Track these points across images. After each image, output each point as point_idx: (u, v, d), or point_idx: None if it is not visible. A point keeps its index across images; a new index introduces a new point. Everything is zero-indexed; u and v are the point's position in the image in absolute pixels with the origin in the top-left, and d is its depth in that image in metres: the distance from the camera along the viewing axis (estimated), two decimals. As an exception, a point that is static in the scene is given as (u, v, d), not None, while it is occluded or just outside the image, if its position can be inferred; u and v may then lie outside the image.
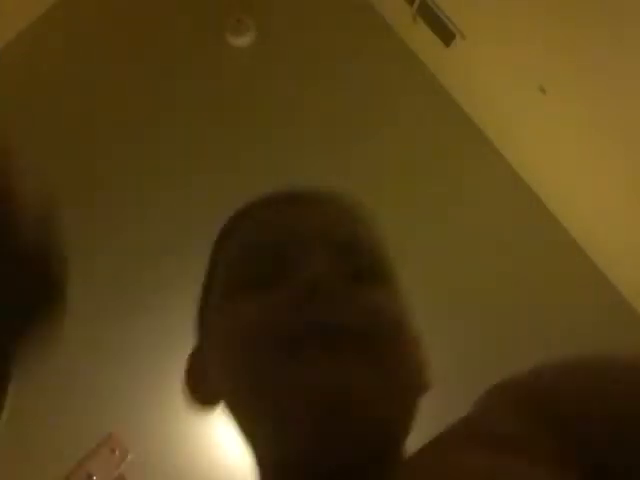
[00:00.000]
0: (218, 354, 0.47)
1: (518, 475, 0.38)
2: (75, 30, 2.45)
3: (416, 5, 2.20)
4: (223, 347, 0.47)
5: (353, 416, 0.40)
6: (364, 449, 0.41)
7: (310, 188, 0.55)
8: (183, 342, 0.56)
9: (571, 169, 2.16)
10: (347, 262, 0.47)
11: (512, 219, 2.41)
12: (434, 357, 0.52)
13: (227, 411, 0.49)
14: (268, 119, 2.43)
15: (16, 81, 2.42)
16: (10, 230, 0.46)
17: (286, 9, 2.49)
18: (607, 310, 2.33)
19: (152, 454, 2.23)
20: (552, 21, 1.74)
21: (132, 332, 2.27)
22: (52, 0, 2.41)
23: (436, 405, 0.73)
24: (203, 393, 0.51)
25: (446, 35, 2.18)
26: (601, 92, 1.77)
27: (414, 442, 0.45)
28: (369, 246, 0.51)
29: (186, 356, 0.55)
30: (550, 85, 1.91)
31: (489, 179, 2.44)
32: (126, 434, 2.19)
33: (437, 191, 2.41)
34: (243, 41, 2.43)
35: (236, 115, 2.43)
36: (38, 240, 0.47)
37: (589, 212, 2.26)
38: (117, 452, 2.14)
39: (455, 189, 2.41)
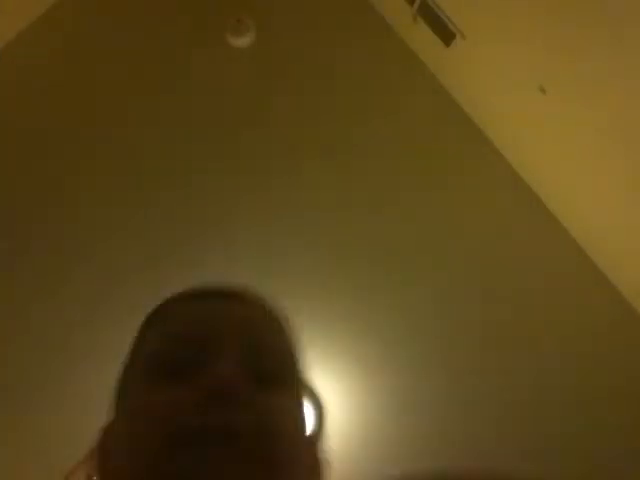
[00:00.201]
0: (125, 442, 0.48)
1: None
2: (75, 30, 2.45)
3: (416, 5, 2.20)
4: (128, 437, 0.48)
5: None
6: None
7: (235, 287, 0.57)
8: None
9: (571, 169, 2.16)
10: (254, 365, 0.49)
11: (512, 219, 2.41)
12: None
13: None
14: (268, 119, 2.43)
15: (16, 81, 2.42)
16: None
17: (286, 9, 2.49)
18: (607, 310, 2.33)
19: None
20: (552, 21, 1.74)
21: (131, 333, 2.27)
22: (52, 0, 2.41)
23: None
24: (104, 473, 0.52)
25: (446, 35, 2.17)
26: (601, 92, 1.77)
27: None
28: (280, 350, 0.54)
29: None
30: (550, 85, 1.91)
31: (489, 179, 2.44)
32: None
33: (437, 191, 2.41)
34: (243, 41, 2.43)
35: (236, 115, 2.43)
36: None
37: (589, 212, 2.26)
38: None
39: (455, 189, 2.41)
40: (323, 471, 0.53)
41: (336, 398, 2.32)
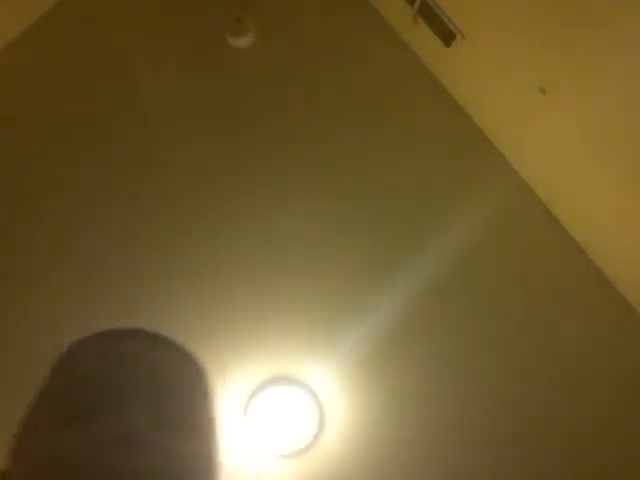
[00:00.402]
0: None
1: None
2: (75, 30, 2.45)
3: (416, 5, 2.20)
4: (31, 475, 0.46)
5: None
6: None
7: (146, 329, 0.56)
8: (185, 337, 0.57)
9: (571, 169, 2.16)
10: (161, 409, 0.48)
11: (512, 219, 2.41)
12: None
13: None
14: (268, 120, 2.43)
15: (16, 81, 2.42)
16: None
17: (286, 9, 2.49)
18: (607, 310, 2.33)
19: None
20: (552, 21, 1.74)
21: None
22: (52, 0, 2.41)
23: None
24: None
25: (446, 35, 2.17)
26: (602, 92, 1.77)
27: None
28: (189, 395, 0.53)
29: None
30: (550, 85, 1.91)
31: (489, 179, 2.44)
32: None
33: (437, 191, 2.41)
34: (243, 42, 2.43)
35: (236, 115, 2.43)
36: None
37: (590, 212, 2.26)
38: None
39: (455, 189, 2.41)
40: None
41: (336, 398, 2.32)
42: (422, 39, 2.33)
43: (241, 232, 2.34)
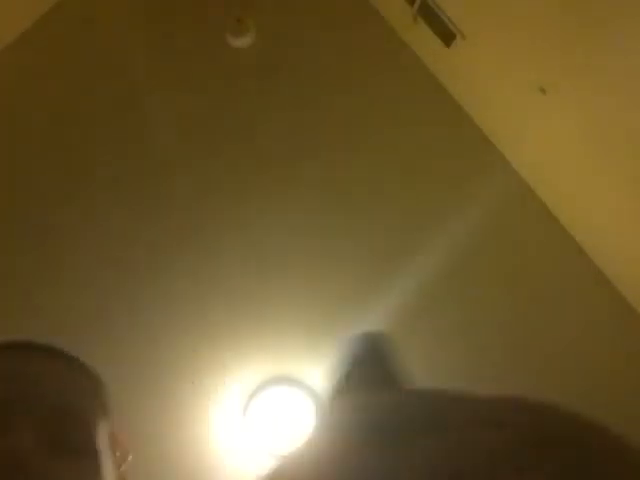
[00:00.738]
0: None
1: None
2: (75, 30, 2.45)
3: (416, 5, 2.20)
4: None
5: None
6: None
7: (41, 342, 0.51)
8: (185, 338, 0.57)
9: (571, 169, 2.16)
10: (52, 430, 0.44)
11: (512, 218, 2.42)
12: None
13: None
14: (268, 119, 2.43)
15: (16, 81, 2.42)
16: None
17: (286, 9, 2.49)
18: (607, 310, 2.33)
19: (153, 455, 2.23)
20: (552, 21, 1.74)
21: (132, 329, 2.27)
22: (52, 0, 2.41)
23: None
24: None
25: (446, 35, 2.17)
26: (602, 92, 1.77)
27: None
28: (82, 415, 0.48)
29: (189, 353, 0.54)
30: (550, 85, 1.91)
31: (489, 179, 2.44)
32: (127, 435, 2.19)
33: (437, 191, 2.41)
34: (243, 42, 2.43)
35: (236, 115, 2.43)
36: None
37: (590, 212, 2.26)
38: (118, 453, 2.14)
39: (455, 189, 2.41)
40: None
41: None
42: (422, 39, 2.33)
43: (241, 232, 2.35)
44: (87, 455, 0.47)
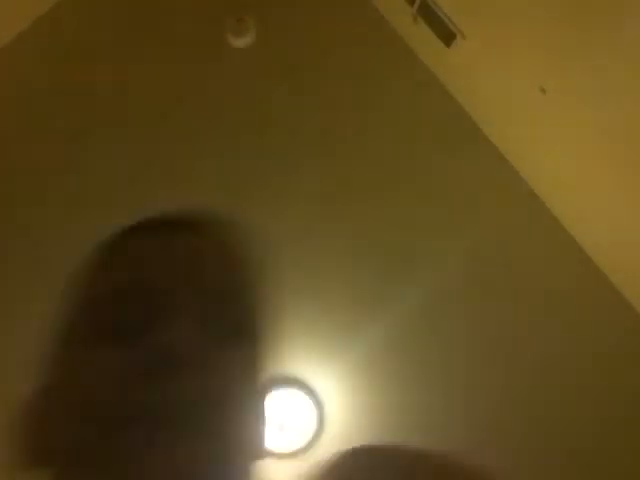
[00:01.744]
0: (60, 411, 0.41)
1: None
2: (74, 30, 2.45)
3: (416, 5, 2.20)
4: (64, 405, 0.41)
5: None
6: None
7: (187, 212, 0.47)
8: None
9: (571, 169, 2.16)
10: (213, 320, 0.42)
11: (512, 218, 2.41)
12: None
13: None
14: (268, 120, 2.43)
15: (16, 81, 2.42)
16: None
17: (286, 9, 2.49)
18: (607, 310, 2.33)
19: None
20: (553, 21, 1.74)
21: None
22: (52, 0, 2.41)
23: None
24: (34, 449, 0.43)
25: (446, 35, 2.17)
26: (602, 92, 1.77)
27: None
28: (243, 295, 0.45)
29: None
30: (550, 85, 1.91)
31: (489, 179, 2.44)
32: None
33: (437, 191, 2.41)
34: (243, 42, 2.43)
35: (236, 115, 2.43)
36: None
37: (590, 211, 2.26)
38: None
39: (455, 189, 2.41)
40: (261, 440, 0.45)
41: (337, 398, 2.32)
42: (422, 39, 2.34)
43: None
44: (255, 340, 0.45)
